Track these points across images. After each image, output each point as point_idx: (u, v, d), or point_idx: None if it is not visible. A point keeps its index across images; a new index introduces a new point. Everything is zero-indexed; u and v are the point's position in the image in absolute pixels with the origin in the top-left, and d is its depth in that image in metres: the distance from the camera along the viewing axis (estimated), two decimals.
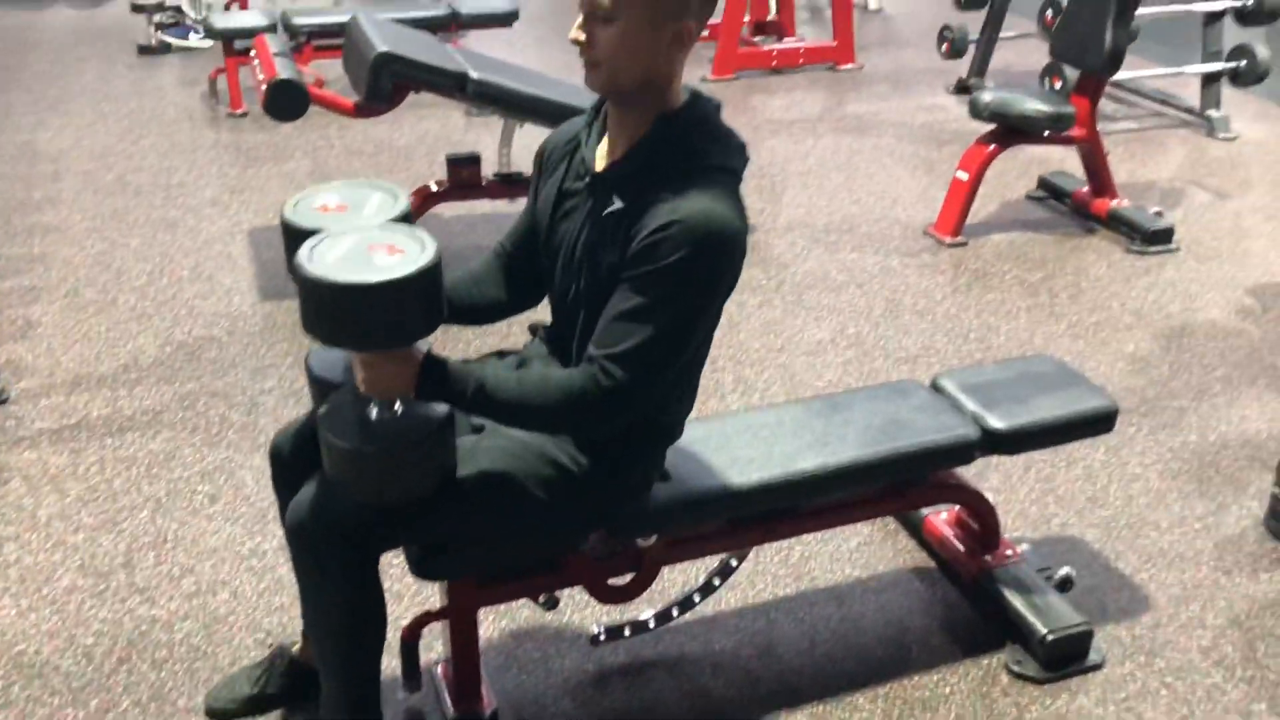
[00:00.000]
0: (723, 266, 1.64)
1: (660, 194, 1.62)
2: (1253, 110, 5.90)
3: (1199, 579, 2.55)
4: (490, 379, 1.67)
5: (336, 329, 1.58)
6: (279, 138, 5.22)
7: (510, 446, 1.82)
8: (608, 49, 1.60)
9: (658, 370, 1.67)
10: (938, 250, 4.22)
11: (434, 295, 1.61)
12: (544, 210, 1.83)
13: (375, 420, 1.68)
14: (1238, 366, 3.44)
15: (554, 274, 1.83)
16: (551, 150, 1.87)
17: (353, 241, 1.62)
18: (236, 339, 3.49)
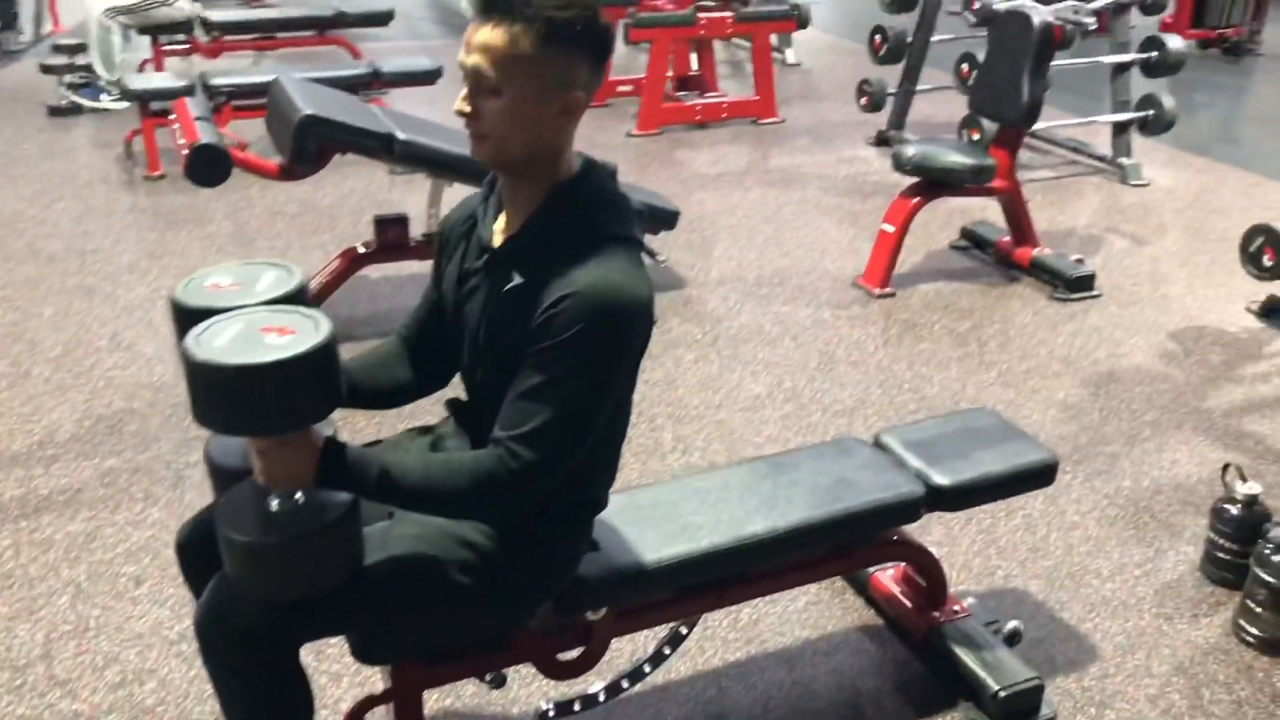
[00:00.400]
0: (624, 336, 1.60)
1: (557, 267, 1.57)
2: (1162, 157, 6.10)
3: (1142, 627, 2.57)
4: (394, 465, 1.61)
5: (230, 415, 1.49)
6: (199, 200, 5.11)
7: (423, 532, 1.74)
8: (494, 121, 1.56)
9: (565, 449, 1.61)
10: (868, 302, 4.26)
11: (330, 375, 1.54)
12: (448, 292, 1.78)
13: (275, 511, 1.59)
14: (1165, 411, 3.51)
15: (460, 356, 1.79)
16: (450, 229, 1.83)
17: (243, 324, 1.55)
18: (159, 411, 3.37)
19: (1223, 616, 2.61)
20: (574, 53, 1.55)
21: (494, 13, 1.51)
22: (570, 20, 1.52)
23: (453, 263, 1.78)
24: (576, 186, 1.65)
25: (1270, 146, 6.58)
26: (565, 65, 1.55)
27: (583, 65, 1.57)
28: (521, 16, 1.50)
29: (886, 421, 3.40)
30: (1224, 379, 3.74)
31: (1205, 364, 3.84)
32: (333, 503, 1.62)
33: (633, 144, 6.21)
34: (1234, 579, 2.69)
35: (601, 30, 1.58)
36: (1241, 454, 3.27)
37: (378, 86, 5.47)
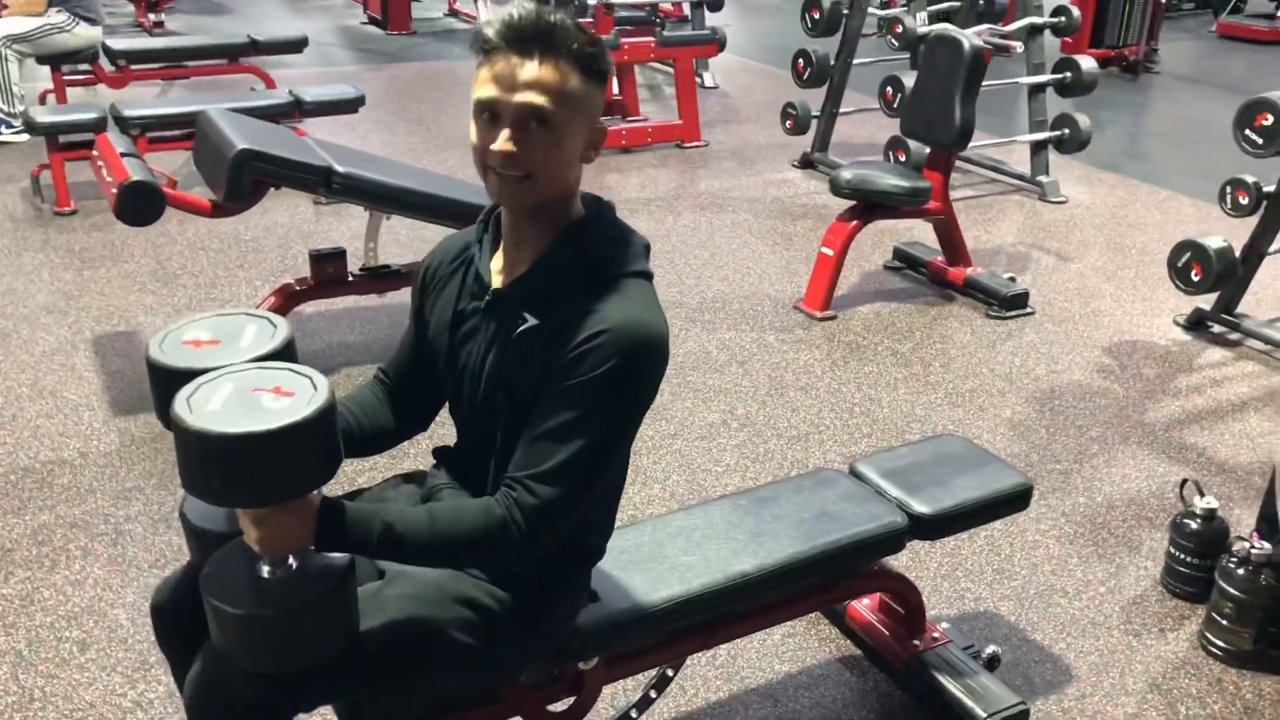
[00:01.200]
0: (654, 371, 1.58)
1: (579, 307, 1.54)
2: (1076, 175, 6.27)
3: (1113, 644, 2.60)
4: (398, 519, 1.53)
5: (227, 486, 1.40)
6: (115, 236, 4.91)
7: (420, 591, 1.67)
8: (544, 159, 1.51)
9: (586, 486, 1.57)
10: (810, 325, 4.27)
11: (332, 437, 1.46)
12: (439, 335, 1.73)
13: (267, 579, 1.51)
14: (1109, 426, 3.58)
15: (459, 399, 1.73)
16: (435, 269, 1.77)
17: (233, 385, 1.46)
18: (91, 461, 3.21)
19: (1188, 630, 2.66)
20: (598, 87, 1.56)
21: (538, 47, 1.49)
22: (599, 55, 1.53)
23: (440, 305, 1.72)
24: (588, 224, 1.62)
25: (1175, 162, 6.81)
26: (598, 99, 1.57)
27: (602, 99, 1.58)
28: (565, 52, 1.50)
29: (842, 446, 3.41)
30: (1161, 392, 3.83)
31: (1141, 378, 3.93)
32: (328, 567, 1.54)
33: None
34: (1196, 592, 2.74)
35: (610, 65, 1.58)
36: (1186, 466, 3.34)
37: (300, 116, 5.33)
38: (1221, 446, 3.48)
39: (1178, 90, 8.88)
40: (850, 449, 3.39)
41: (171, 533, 2.88)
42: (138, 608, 2.61)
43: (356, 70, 8.58)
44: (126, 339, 3.96)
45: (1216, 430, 3.58)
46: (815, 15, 5.76)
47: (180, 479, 1.42)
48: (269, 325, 1.68)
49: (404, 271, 3.91)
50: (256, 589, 1.50)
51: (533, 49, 1.49)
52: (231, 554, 1.56)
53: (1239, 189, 4.01)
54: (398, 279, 3.90)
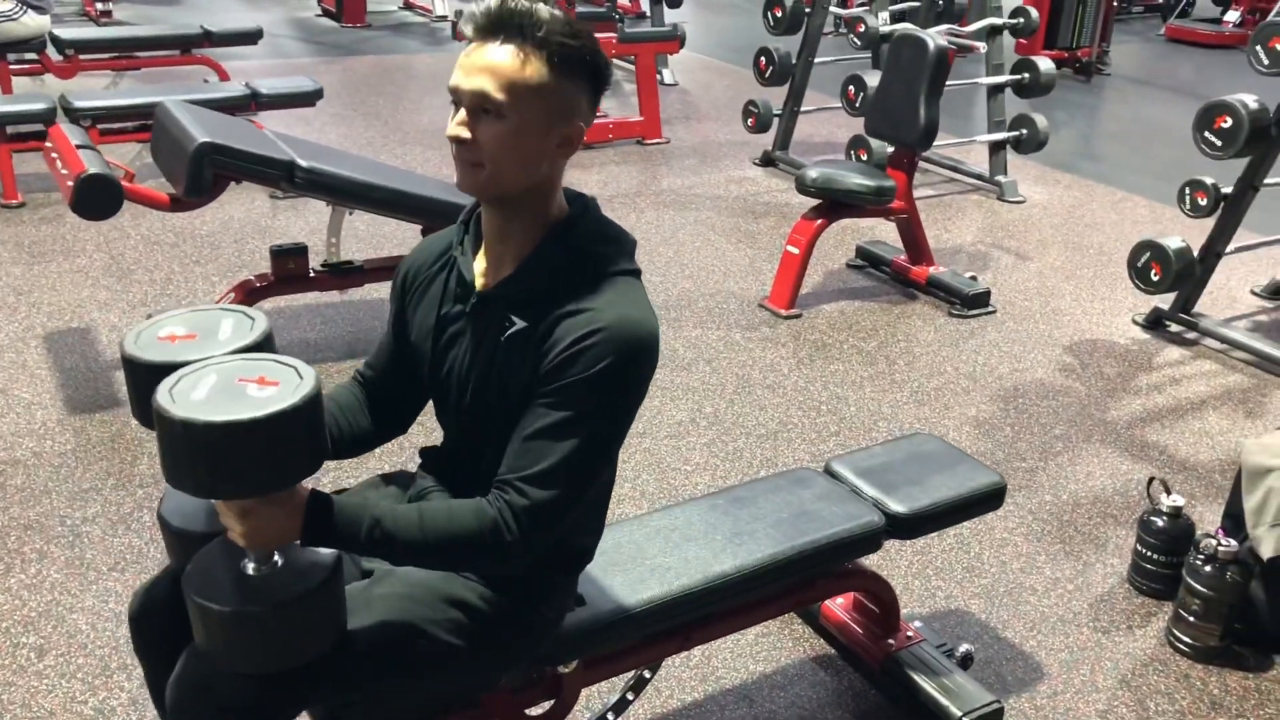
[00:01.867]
0: (646, 370, 1.55)
1: (570, 306, 1.51)
2: (1033, 174, 6.34)
3: (1082, 641, 2.62)
4: (387, 516, 1.50)
5: (213, 477, 1.36)
6: (66, 230, 4.80)
7: (409, 590, 1.64)
8: (493, 148, 1.47)
9: (579, 487, 1.55)
10: (775, 323, 4.27)
11: (319, 427, 1.43)
12: (422, 340, 1.69)
13: (253, 576, 1.48)
14: (1072, 424, 3.61)
15: (446, 403, 1.70)
16: (416, 272, 1.73)
17: (216, 376, 1.43)
18: (45, 461, 3.12)
19: (1155, 627, 2.68)
20: (579, 83, 1.50)
21: (500, 35, 1.45)
22: (578, 49, 1.48)
23: (423, 309, 1.69)
24: (574, 222, 1.58)
25: (1129, 162, 6.90)
26: (570, 95, 1.50)
27: (584, 97, 1.53)
28: (533, 40, 1.45)
29: (810, 444, 3.41)
30: (1121, 391, 3.87)
31: (1102, 376, 3.97)
32: (315, 563, 1.51)
33: None
34: (1162, 589, 2.77)
35: (604, 64, 1.53)
36: (1148, 464, 3.38)
37: (256, 109, 5.24)
38: (1182, 445, 3.52)
39: (1129, 92, 9.01)
40: (819, 447, 3.39)
41: (131, 535, 2.82)
42: (97, 612, 2.54)
43: (311, 63, 8.46)
44: (80, 335, 3.87)
45: (1177, 429, 3.62)
46: (777, 13, 5.76)
47: (163, 472, 1.39)
48: (245, 319, 1.64)
49: (367, 268, 3.86)
50: (242, 586, 1.47)
51: (497, 35, 1.45)
52: (215, 552, 1.53)
53: (1198, 190, 4.07)
54: (360, 275, 3.84)
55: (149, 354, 1.54)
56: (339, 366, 3.72)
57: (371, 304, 4.21)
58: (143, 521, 2.87)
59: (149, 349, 1.56)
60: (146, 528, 2.84)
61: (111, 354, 3.74)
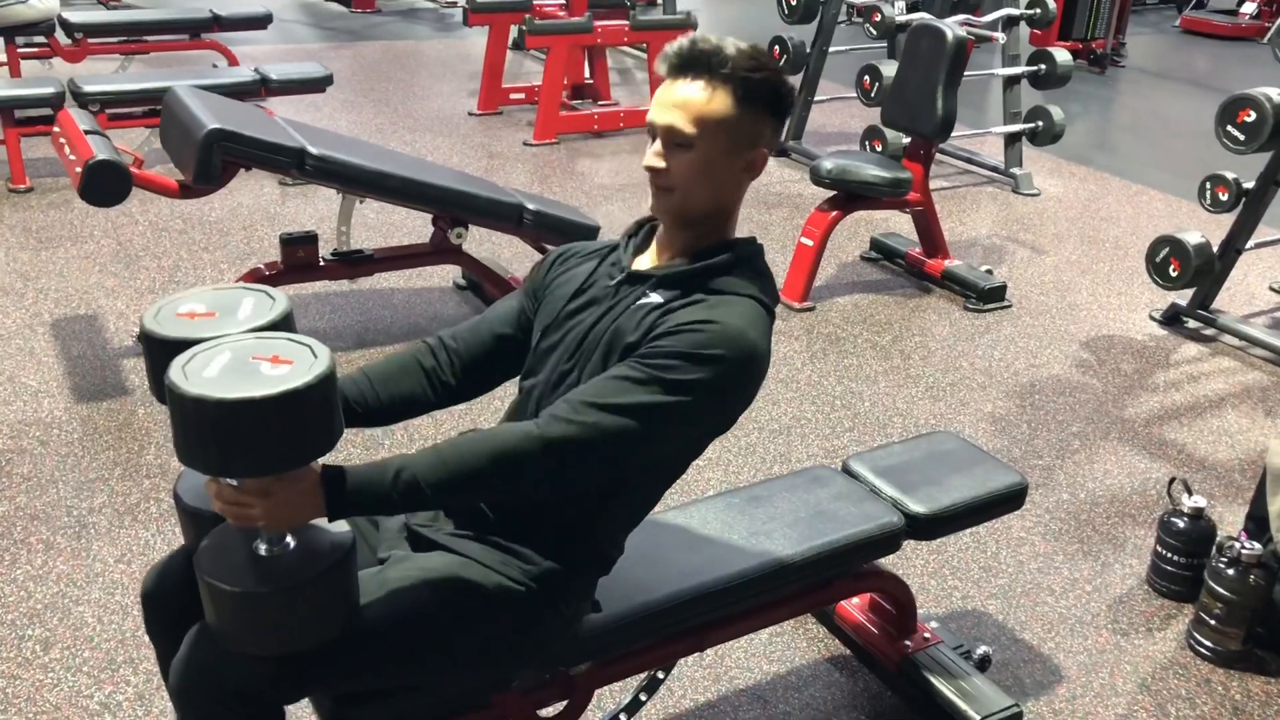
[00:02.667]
0: (740, 386, 1.59)
1: (702, 299, 1.58)
2: (1048, 167, 6.28)
3: (1101, 644, 2.58)
4: (408, 463, 1.48)
5: (226, 455, 1.35)
6: (74, 216, 4.76)
7: (425, 577, 1.62)
8: (684, 175, 1.58)
9: (630, 440, 1.52)
10: (789, 316, 4.23)
11: (332, 406, 1.42)
12: (553, 303, 1.74)
13: (265, 556, 1.47)
14: (1089, 421, 3.57)
15: (545, 363, 1.70)
16: (570, 255, 1.82)
17: (231, 354, 1.42)
18: (52, 450, 3.09)
19: (1175, 629, 2.64)
20: (762, 112, 1.60)
21: (690, 72, 1.57)
22: (761, 81, 1.58)
23: (566, 277, 1.76)
24: (740, 248, 1.66)
25: (1144, 155, 6.84)
26: (754, 123, 1.60)
27: (768, 124, 1.62)
28: (719, 75, 1.56)
29: (824, 440, 3.36)
30: (1139, 388, 3.82)
31: (1119, 373, 3.92)
32: (328, 544, 1.49)
33: (531, 153, 6.07)
34: (1182, 591, 2.73)
35: (787, 92, 1.64)
36: (1166, 463, 3.34)
37: (266, 94, 5.20)
38: (1201, 443, 3.48)
39: (1144, 84, 8.93)
40: (833, 443, 3.35)
41: (138, 526, 2.79)
42: (103, 605, 2.51)
43: (320, 48, 8.42)
44: (87, 322, 3.84)
45: (1195, 427, 3.58)
46: (793, 2, 5.70)
47: (175, 450, 1.38)
48: (266, 298, 1.63)
49: (377, 257, 3.82)
50: (254, 566, 1.46)
51: (687, 73, 1.57)
52: (227, 533, 1.51)
53: (1219, 185, 4.01)
54: (370, 264, 3.81)
55: (167, 330, 1.53)
56: (348, 356, 3.69)
57: (382, 293, 4.18)
58: (149, 513, 2.84)
59: (167, 325, 1.54)
60: (154, 519, 2.81)
61: (119, 341, 3.70)
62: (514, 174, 5.69)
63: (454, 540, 1.71)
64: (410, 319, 4.00)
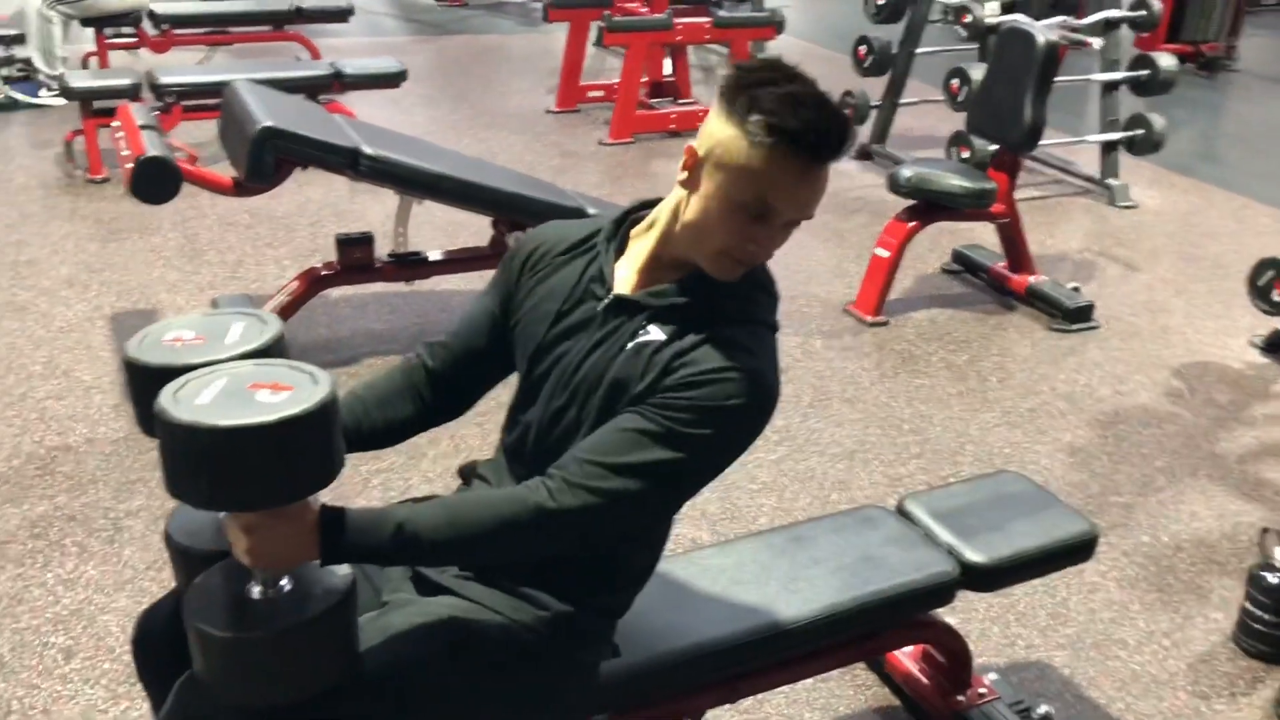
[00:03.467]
0: (755, 431, 1.47)
1: (715, 335, 1.44)
2: (1147, 177, 5.96)
3: (1178, 707, 2.37)
4: (411, 517, 1.38)
5: (218, 487, 1.25)
6: (144, 208, 4.73)
7: (429, 622, 1.51)
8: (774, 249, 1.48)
9: (646, 502, 1.41)
10: (859, 330, 4.04)
11: (333, 435, 1.32)
12: (534, 322, 1.58)
13: (257, 600, 1.36)
14: (1177, 456, 3.33)
15: (537, 395, 1.57)
16: (543, 254, 1.63)
17: (226, 380, 1.32)
18: (96, 448, 3.07)
19: (1263, 695, 2.42)
20: None
21: (828, 159, 1.41)
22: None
23: (544, 292, 1.59)
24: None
25: (1254, 167, 6.46)
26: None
27: None
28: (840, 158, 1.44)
29: (888, 467, 3.18)
30: (1234, 420, 3.56)
31: (1213, 404, 3.66)
32: (326, 588, 1.38)
33: (605, 152, 5.95)
34: (1272, 652, 2.50)
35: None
36: (1262, 505, 3.09)
37: (339, 89, 5.16)
38: None
39: (1257, 90, 8.48)
40: (897, 470, 3.17)
41: None
42: (129, 614, 2.46)
43: (405, 41, 8.42)
44: (146, 318, 3.82)
45: None
46: (880, 1, 5.48)
47: (165, 482, 1.28)
48: (257, 322, 1.52)
49: (434, 260, 3.74)
50: (245, 610, 1.35)
51: (826, 159, 1.40)
52: (218, 574, 1.41)
53: None
54: (427, 267, 3.73)
55: (152, 357, 1.43)
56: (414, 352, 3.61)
57: (440, 295, 4.10)
58: None
59: (153, 352, 1.45)
60: None
61: None
62: (586, 174, 5.59)
63: (461, 583, 1.59)
64: None
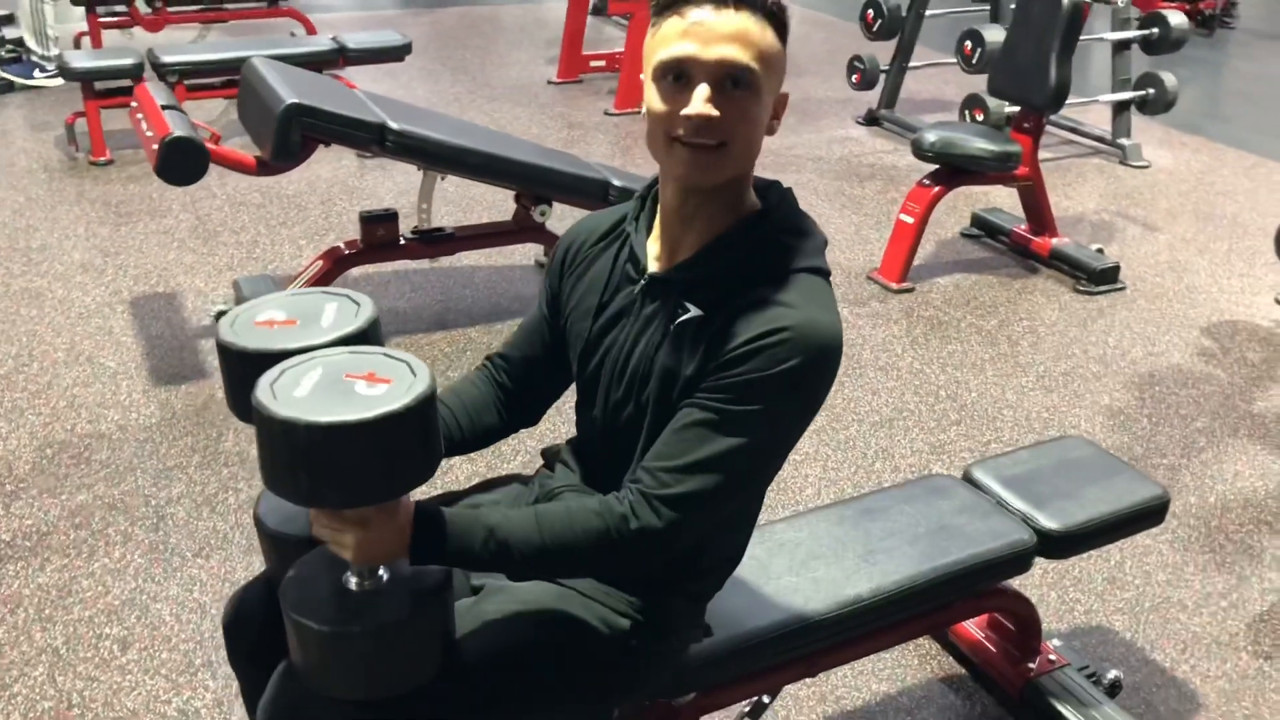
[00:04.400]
0: (827, 380, 1.39)
1: (753, 298, 1.35)
2: (1157, 137, 5.94)
3: (1242, 668, 2.37)
4: (500, 523, 1.34)
5: (319, 484, 1.21)
6: (152, 189, 4.70)
7: (523, 610, 1.48)
8: (740, 124, 1.32)
9: (728, 491, 1.36)
10: (886, 298, 4.01)
11: (433, 431, 1.28)
12: (579, 320, 1.54)
13: (357, 592, 1.33)
14: (1215, 416, 3.32)
15: (593, 393, 1.53)
16: (577, 249, 1.58)
17: (321, 371, 1.27)
18: (131, 435, 3.02)
19: None
20: (783, 47, 1.37)
21: (733, 2, 1.31)
22: (784, 10, 1.36)
23: (584, 287, 1.54)
24: (769, 211, 1.43)
25: (1261, 123, 6.44)
26: (784, 60, 1.38)
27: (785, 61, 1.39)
28: (761, 7, 1.33)
29: (928, 434, 3.16)
30: (1268, 379, 3.56)
31: (1245, 363, 3.65)
32: (423, 577, 1.35)
33: (612, 122, 5.89)
34: None
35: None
36: None
37: (344, 64, 5.08)
38: None
39: (1256, 47, 8.45)
40: (938, 437, 3.15)
41: (216, 518, 2.70)
42: (181, 602, 2.42)
43: (397, 15, 8.30)
44: (166, 301, 3.76)
45: None
46: None
47: (262, 476, 1.24)
48: (350, 303, 1.47)
49: (459, 235, 3.68)
50: (344, 602, 1.32)
51: (728, 3, 1.31)
52: (314, 563, 1.37)
53: None
54: (452, 243, 3.67)
55: (246, 341, 1.38)
56: (429, 338, 3.57)
57: (463, 271, 4.05)
58: (228, 504, 2.75)
59: (246, 335, 1.40)
60: (232, 510, 2.72)
61: (197, 320, 3.62)
62: (595, 144, 5.52)
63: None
64: (492, 299, 3.87)
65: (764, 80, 1.32)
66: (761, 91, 1.33)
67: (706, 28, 1.30)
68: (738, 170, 1.37)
